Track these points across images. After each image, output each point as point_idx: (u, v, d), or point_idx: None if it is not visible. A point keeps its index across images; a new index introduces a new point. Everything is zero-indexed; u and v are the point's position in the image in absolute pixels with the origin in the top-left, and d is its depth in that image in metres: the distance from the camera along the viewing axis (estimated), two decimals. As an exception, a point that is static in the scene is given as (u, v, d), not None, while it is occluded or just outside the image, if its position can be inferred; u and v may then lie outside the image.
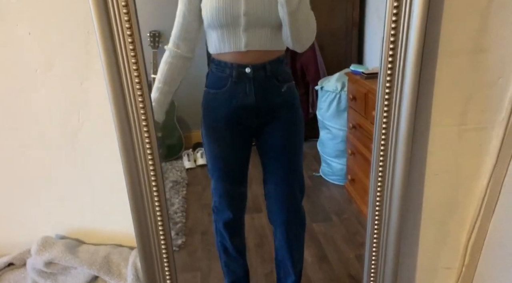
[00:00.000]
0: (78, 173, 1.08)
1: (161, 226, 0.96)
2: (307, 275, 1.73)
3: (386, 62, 0.85)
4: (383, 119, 0.89)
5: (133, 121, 0.90)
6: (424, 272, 1.18)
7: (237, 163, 1.40)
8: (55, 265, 1.05)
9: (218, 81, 1.25)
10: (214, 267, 1.75)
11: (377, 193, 0.99)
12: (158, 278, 1.03)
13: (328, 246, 1.84)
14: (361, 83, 1.61)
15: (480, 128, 0.99)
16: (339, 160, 1.89)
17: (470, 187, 1.06)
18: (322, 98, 1.80)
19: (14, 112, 1.02)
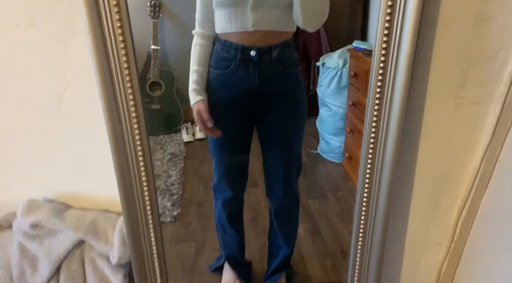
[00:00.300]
0: (65, 135, 1.07)
1: (146, 189, 0.95)
2: (299, 249, 1.75)
3: (383, 28, 0.83)
4: (377, 89, 0.87)
5: (117, 82, 0.88)
6: (413, 248, 1.17)
7: (238, 144, 1.40)
8: (41, 228, 1.05)
9: (222, 62, 1.23)
10: (208, 238, 1.78)
11: (368, 165, 0.97)
12: (144, 244, 1.03)
13: (322, 222, 1.85)
14: (363, 60, 1.58)
15: (477, 102, 0.96)
16: (337, 137, 1.89)
17: (463, 162, 1.04)
18: (323, 75, 1.79)
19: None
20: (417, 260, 1.19)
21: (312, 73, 1.83)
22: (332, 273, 1.70)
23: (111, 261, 1.08)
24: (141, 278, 1.06)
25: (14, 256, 1.07)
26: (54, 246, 1.05)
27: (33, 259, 1.07)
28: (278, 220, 1.54)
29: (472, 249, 1.11)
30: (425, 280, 1.23)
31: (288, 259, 1.61)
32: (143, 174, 0.94)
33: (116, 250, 1.05)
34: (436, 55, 0.91)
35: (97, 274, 1.09)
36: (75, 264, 1.08)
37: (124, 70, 0.85)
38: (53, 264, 1.05)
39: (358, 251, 1.09)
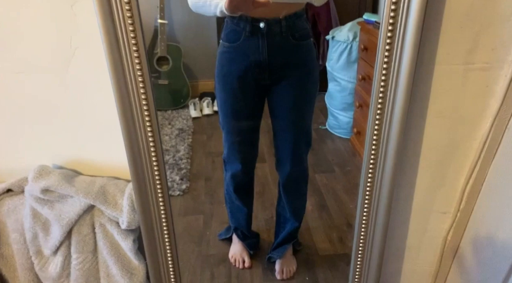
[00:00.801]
0: (73, 102, 1.07)
1: (154, 156, 0.96)
2: (306, 222, 1.77)
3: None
4: (385, 53, 0.86)
5: (124, 48, 0.87)
6: (419, 216, 1.18)
7: (248, 117, 1.40)
8: (51, 193, 1.07)
9: (232, 35, 1.22)
10: (216, 211, 1.81)
11: (374, 131, 0.97)
12: (153, 208, 1.04)
13: (329, 196, 1.87)
14: (373, 33, 1.56)
15: (487, 68, 0.94)
16: (346, 113, 1.88)
17: (472, 130, 1.02)
18: (332, 48, 1.77)
19: (3, 35, 0.99)
20: (423, 228, 1.20)
21: (321, 47, 1.82)
22: (339, 245, 1.73)
23: (121, 226, 1.10)
24: (150, 242, 1.08)
25: (27, 220, 1.09)
26: (65, 210, 1.07)
27: (45, 223, 1.10)
28: (287, 193, 1.55)
29: (478, 218, 1.11)
30: (430, 248, 1.23)
31: (295, 232, 1.63)
32: (150, 139, 0.95)
33: (125, 215, 1.07)
34: (446, 19, 0.89)
35: (107, 239, 1.12)
36: (86, 229, 1.11)
37: (132, 46, 0.85)
38: (64, 228, 1.07)
39: (364, 218, 1.10)
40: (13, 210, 1.10)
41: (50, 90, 1.06)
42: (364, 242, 1.13)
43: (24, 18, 0.97)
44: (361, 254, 1.16)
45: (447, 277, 1.25)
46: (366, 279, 1.19)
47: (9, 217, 1.10)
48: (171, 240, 1.07)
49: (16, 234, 1.11)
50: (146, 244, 1.08)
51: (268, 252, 1.67)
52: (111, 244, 1.12)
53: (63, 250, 1.11)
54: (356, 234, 1.14)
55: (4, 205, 1.11)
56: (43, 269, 1.13)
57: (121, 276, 1.14)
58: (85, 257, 1.12)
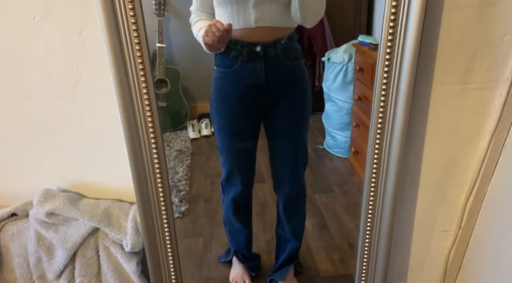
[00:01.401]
0: (78, 126, 1.09)
1: (159, 178, 0.97)
2: (307, 242, 1.76)
3: (389, 15, 0.84)
4: (384, 74, 0.88)
5: (131, 72, 0.90)
6: (421, 235, 1.19)
7: (247, 139, 1.41)
8: (56, 216, 1.07)
9: (228, 60, 1.24)
10: (216, 233, 1.79)
11: (375, 150, 0.98)
12: (158, 230, 1.05)
13: (329, 216, 1.86)
14: (368, 54, 1.60)
15: (483, 88, 0.97)
16: (343, 132, 1.90)
17: (470, 148, 1.05)
18: (328, 70, 1.80)
19: (13, 61, 1.02)
20: (425, 247, 1.20)
21: (317, 69, 1.85)
22: (340, 266, 1.72)
23: (125, 249, 1.10)
24: (155, 263, 1.08)
25: (31, 244, 1.09)
26: (69, 233, 1.07)
27: (49, 246, 1.10)
28: (286, 213, 1.55)
29: (480, 235, 1.12)
30: (433, 267, 1.24)
31: (296, 252, 1.62)
32: (156, 161, 0.96)
33: (129, 237, 1.07)
34: (442, 42, 0.92)
35: (111, 261, 1.12)
36: (90, 252, 1.11)
37: (139, 71, 0.88)
38: (69, 252, 1.08)
39: (367, 239, 1.11)
40: (17, 234, 1.11)
41: (56, 114, 1.08)
42: (368, 262, 1.13)
43: (34, 45, 1.00)
44: (364, 275, 1.16)
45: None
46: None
47: (13, 241, 1.11)
48: (175, 262, 1.07)
49: (20, 258, 1.11)
50: (150, 265, 1.08)
51: (270, 274, 1.66)
52: (115, 267, 1.12)
53: (67, 274, 1.11)
54: (359, 255, 1.14)
55: (8, 229, 1.11)
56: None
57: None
58: (89, 281, 1.12)
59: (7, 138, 1.11)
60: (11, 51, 1.01)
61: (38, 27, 0.97)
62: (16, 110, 1.07)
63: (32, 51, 1.00)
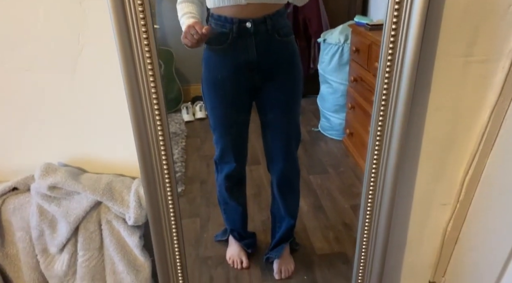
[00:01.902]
0: (78, 99, 1.08)
1: (163, 149, 0.97)
2: (302, 222, 1.79)
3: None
4: (389, 45, 0.89)
5: (135, 42, 0.89)
6: (420, 208, 1.21)
7: (238, 118, 1.42)
8: (58, 190, 1.07)
9: (218, 37, 1.24)
10: (213, 213, 1.81)
11: (379, 122, 0.99)
12: (161, 204, 1.05)
13: (324, 197, 1.89)
14: (364, 35, 1.60)
15: (486, 60, 0.98)
16: (338, 114, 1.91)
17: (471, 121, 1.06)
18: (324, 51, 1.80)
19: (12, 33, 1.00)
20: (424, 220, 1.23)
21: (312, 51, 1.84)
22: (335, 244, 1.75)
23: (128, 222, 1.11)
24: (158, 236, 1.09)
25: (33, 218, 1.09)
26: (72, 207, 1.07)
27: (51, 220, 1.10)
28: (280, 191, 1.57)
29: (477, 208, 1.14)
30: (431, 240, 1.26)
31: (291, 230, 1.65)
32: (160, 133, 0.96)
33: (132, 211, 1.07)
34: (446, 14, 0.92)
35: (114, 235, 1.12)
36: (93, 225, 1.11)
37: (143, 40, 0.87)
38: (71, 225, 1.08)
39: (368, 212, 1.12)
40: (19, 208, 1.10)
41: (56, 88, 1.07)
42: (368, 236, 1.15)
43: (34, 16, 0.98)
44: (365, 249, 1.18)
45: (447, 268, 1.28)
46: (370, 272, 1.21)
47: (14, 215, 1.10)
48: (179, 234, 1.08)
49: (22, 232, 1.11)
50: (154, 238, 1.09)
51: (266, 253, 1.68)
52: (118, 240, 1.12)
53: (70, 247, 1.11)
54: (360, 228, 1.16)
55: (9, 203, 1.10)
56: (48, 267, 1.13)
57: (127, 273, 1.14)
58: (91, 254, 1.12)
59: (7, 112, 1.10)
60: (11, 24, 0.99)
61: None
62: (17, 83, 1.05)
63: (32, 23, 0.99)
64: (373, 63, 1.55)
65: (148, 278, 1.18)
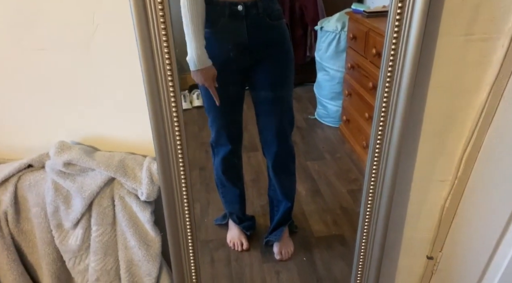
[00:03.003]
0: (92, 78, 1.10)
1: (178, 130, 1.01)
2: (300, 207, 1.82)
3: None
4: (395, 27, 0.92)
5: (152, 21, 0.91)
6: (419, 185, 1.25)
7: (232, 99, 1.44)
8: (73, 166, 1.09)
9: (210, 20, 1.25)
10: (212, 199, 1.83)
11: (383, 104, 1.03)
12: (174, 179, 1.09)
13: (321, 182, 1.91)
14: (362, 21, 1.63)
15: (486, 38, 1.01)
16: (335, 102, 1.93)
17: (470, 99, 1.09)
18: (321, 39, 1.82)
19: (26, 12, 1.01)
20: (423, 196, 1.27)
21: (309, 39, 1.86)
22: (333, 227, 1.79)
23: (140, 198, 1.14)
24: (170, 211, 1.12)
25: (48, 194, 1.11)
26: (86, 183, 1.10)
27: (66, 196, 1.12)
28: (276, 174, 1.60)
29: (475, 184, 1.18)
30: (429, 215, 1.31)
31: (289, 213, 1.68)
32: (174, 114, 1.00)
33: (144, 187, 1.11)
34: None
35: (126, 211, 1.15)
36: (106, 201, 1.14)
37: (160, 18, 0.90)
38: (86, 201, 1.10)
39: (371, 189, 1.16)
40: (34, 185, 1.12)
41: (70, 68, 1.09)
42: (371, 214, 1.19)
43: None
44: (367, 225, 1.22)
45: (444, 243, 1.33)
46: (371, 248, 1.26)
47: (30, 191, 1.12)
48: (190, 208, 1.12)
49: (37, 208, 1.13)
50: (166, 211, 1.12)
51: (266, 236, 1.71)
52: (130, 216, 1.15)
53: (83, 222, 1.14)
54: (363, 203, 1.20)
55: (25, 180, 1.12)
56: (63, 242, 1.16)
57: (139, 248, 1.17)
58: (104, 229, 1.15)
59: (22, 91, 1.12)
60: (24, 2, 1.00)
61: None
62: (31, 62, 1.07)
63: (46, 2, 1.00)
64: (371, 50, 1.58)
65: (158, 253, 1.22)
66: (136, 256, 1.19)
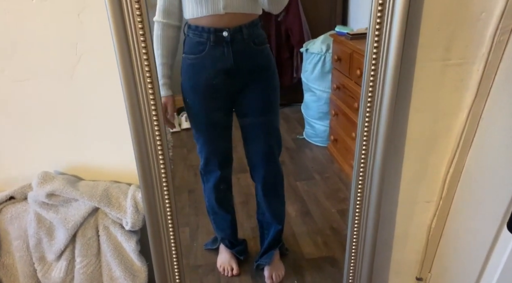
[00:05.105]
0: (75, 108, 1.11)
1: (161, 153, 1.01)
2: (291, 228, 1.81)
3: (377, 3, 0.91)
4: (373, 56, 0.95)
5: (135, 52, 0.93)
6: (405, 206, 1.26)
7: (220, 125, 1.45)
8: (56, 197, 1.09)
9: (196, 47, 1.28)
10: (202, 223, 1.82)
11: (365, 128, 1.05)
12: (159, 208, 1.08)
13: (311, 202, 1.91)
14: (346, 43, 1.65)
15: (462, 63, 1.04)
16: (322, 121, 1.95)
17: (450, 122, 1.12)
18: (307, 60, 1.84)
19: (11, 42, 1.02)
20: (409, 217, 1.28)
21: (295, 60, 1.89)
22: (324, 248, 1.77)
23: (125, 227, 1.13)
24: (156, 239, 1.11)
25: (31, 226, 1.10)
26: (70, 214, 1.09)
27: (49, 227, 1.11)
28: (265, 197, 1.60)
29: (459, 204, 1.20)
30: (416, 236, 1.32)
31: (279, 235, 1.68)
32: (158, 142, 1.00)
33: (129, 216, 1.10)
34: (424, 21, 0.99)
35: (111, 241, 1.14)
36: (90, 232, 1.13)
37: (140, 43, 0.91)
38: (70, 231, 1.09)
39: (357, 213, 1.17)
40: (16, 217, 1.12)
41: (53, 97, 1.09)
42: (358, 235, 1.19)
43: (33, 26, 1.01)
44: (355, 245, 1.22)
45: (432, 264, 1.34)
46: (360, 271, 1.25)
47: (12, 224, 1.11)
48: (176, 237, 1.11)
49: (19, 241, 1.12)
50: (151, 241, 1.12)
51: (256, 259, 1.70)
52: (115, 246, 1.14)
53: (67, 254, 1.13)
54: (349, 227, 1.20)
55: (7, 212, 1.12)
56: (46, 275, 1.14)
57: (124, 278, 1.16)
58: (89, 261, 1.14)
59: (5, 121, 1.11)
60: (10, 33, 1.01)
61: (37, 8, 0.98)
62: (15, 92, 1.08)
63: (30, 33, 1.01)
64: (355, 71, 1.60)
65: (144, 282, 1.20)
66: (122, 286, 1.17)
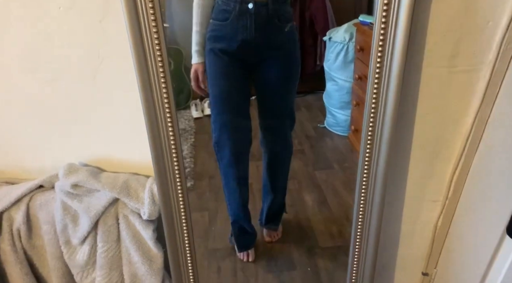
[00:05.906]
0: (98, 106, 1.18)
1: (174, 152, 1.07)
2: (307, 216, 1.84)
3: (382, 4, 0.92)
4: (377, 59, 0.96)
5: (150, 57, 0.98)
6: (412, 205, 1.28)
7: (237, 94, 1.47)
8: (80, 188, 1.17)
9: (222, 14, 1.30)
10: (221, 208, 1.85)
11: (369, 128, 1.07)
12: (173, 200, 1.15)
13: (329, 192, 1.91)
14: (368, 34, 1.62)
15: (468, 70, 1.05)
16: (343, 111, 1.93)
17: (457, 126, 1.13)
18: (330, 49, 1.83)
19: (41, 47, 1.10)
20: (416, 216, 1.31)
21: (319, 48, 1.88)
22: (338, 238, 1.79)
23: (142, 217, 1.21)
24: (170, 229, 1.19)
25: (58, 213, 1.20)
26: (92, 203, 1.18)
27: (74, 215, 1.20)
28: (271, 170, 1.64)
29: (465, 204, 1.21)
30: (422, 234, 1.34)
31: (281, 207, 1.73)
32: (171, 138, 1.06)
33: (146, 207, 1.18)
34: (431, 28, 1.00)
35: (130, 229, 1.22)
36: (111, 220, 1.21)
37: (155, 46, 0.96)
38: (92, 220, 1.18)
39: (361, 209, 1.20)
40: (45, 204, 1.21)
41: (78, 96, 1.17)
42: (362, 230, 1.23)
43: (59, 35, 1.09)
44: (358, 242, 1.26)
45: (438, 260, 1.36)
46: (364, 264, 1.29)
47: (41, 210, 1.21)
48: (189, 228, 1.18)
49: (48, 225, 1.22)
50: (166, 231, 1.19)
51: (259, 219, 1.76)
52: (133, 233, 1.22)
53: (90, 239, 1.22)
54: (354, 224, 1.24)
55: (36, 199, 1.21)
56: (71, 257, 1.24)
57: (142, 263, 1.24)
58: (109, 246, 1.23)
59: (36, 117, 1.20)
60: (41, 38, 1.09)
61: (63, 16, 1.05)
62: (45, 92, 1.16)
63: (58, 38, 1.09)
64: (377, 62, 1.59)
65: (160, 267, 1.29)
66: (140, 271, 1.26)
